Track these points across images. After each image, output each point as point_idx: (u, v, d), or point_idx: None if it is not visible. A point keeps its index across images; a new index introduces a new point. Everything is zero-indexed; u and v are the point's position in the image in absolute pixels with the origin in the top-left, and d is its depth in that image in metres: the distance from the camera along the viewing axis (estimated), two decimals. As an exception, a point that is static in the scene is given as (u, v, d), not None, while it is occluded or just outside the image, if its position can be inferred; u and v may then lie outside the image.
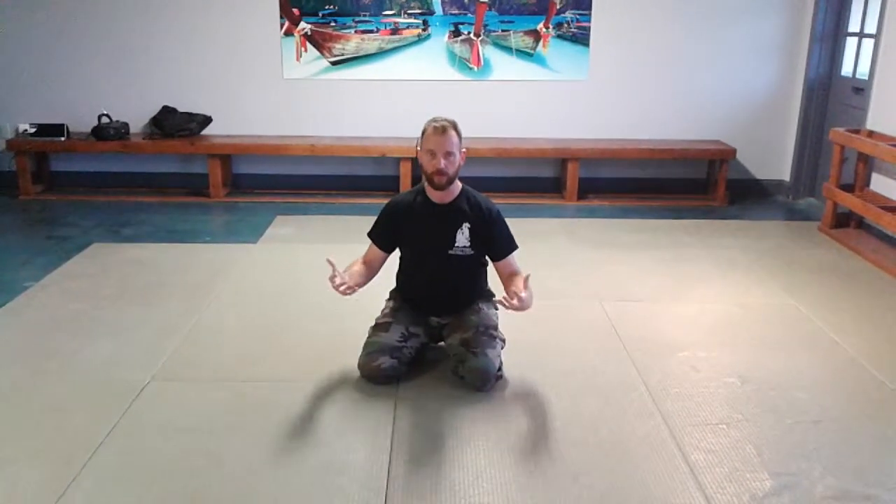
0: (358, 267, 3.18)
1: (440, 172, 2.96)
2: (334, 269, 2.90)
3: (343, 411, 2.85)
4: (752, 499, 2.38)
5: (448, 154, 2.95)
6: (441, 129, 2.94)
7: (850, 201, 4.99)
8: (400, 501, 2.34)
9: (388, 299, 3.31)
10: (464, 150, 3.03)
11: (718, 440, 2.69)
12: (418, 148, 3.03)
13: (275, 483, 2.41)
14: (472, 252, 3.09)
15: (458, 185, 3.10)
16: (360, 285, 3.09)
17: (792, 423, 2.81)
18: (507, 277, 3.09)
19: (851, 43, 5.69)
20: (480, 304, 3.17)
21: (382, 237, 3.22)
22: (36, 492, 2.35)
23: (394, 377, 3.05)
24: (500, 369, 3.06)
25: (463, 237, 3.06)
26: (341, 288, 2.91)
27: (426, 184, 3.06)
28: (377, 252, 3.23)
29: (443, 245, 3.08)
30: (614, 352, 3.37)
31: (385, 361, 3.02)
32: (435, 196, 3.07)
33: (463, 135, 3.02)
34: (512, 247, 3.13)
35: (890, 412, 2.90)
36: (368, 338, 3.12)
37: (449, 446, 2.64)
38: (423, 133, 2.99)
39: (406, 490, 2.39)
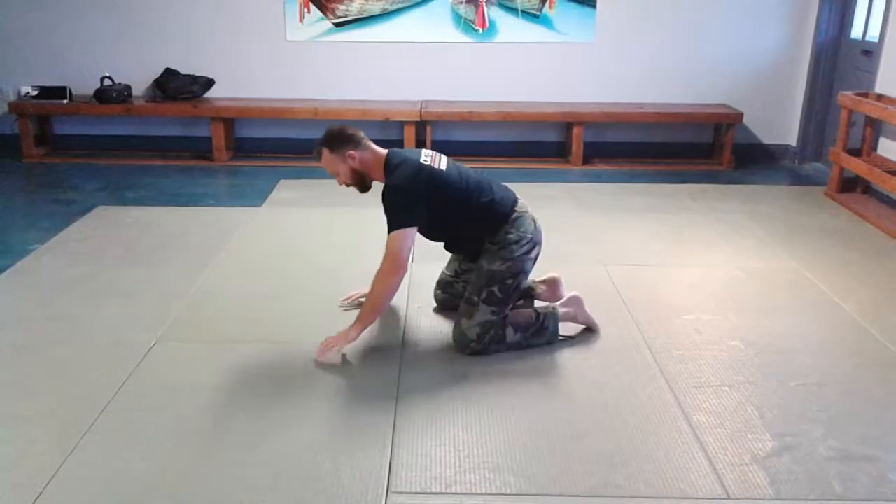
0: None
1: (342, 183, 3.04)
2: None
3: (348, 372, 2.87)
4: (754, 459, 2.40)
5: (333, 172, 3.00)
6: (316, 154, 3.00)
7: (856, 166, 4.96)
8: (405, 461, 2.36)
9: None
10: (349, 152, 2.94)
11: (721, 402, 2.71)
12: None
13: (280, 444, 2.43)
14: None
15: (381, 169, 2.97)
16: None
17: (794, 385, 2.83)
18: None
19: (862, 5, 5.61)
20: (482, 260, 3.02)
21: None
22: (45, 451, 2.38)
23: (448, 307, 3.32)
24: (492, 331, 2.96)
25: None
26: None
27: None
28: None
29: None
30: (618, 315, 3.38)
31: (438, 294, 3.40)
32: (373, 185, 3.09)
33: (462, 98, 2.99)
34: (389, 227, 2.89)
35: (893, 375, 2.91)
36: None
37: (453, 407, 2.66)
38: None
39: (411, 450, 2.42)
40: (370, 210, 4.74)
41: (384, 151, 3.01)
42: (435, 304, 3.42)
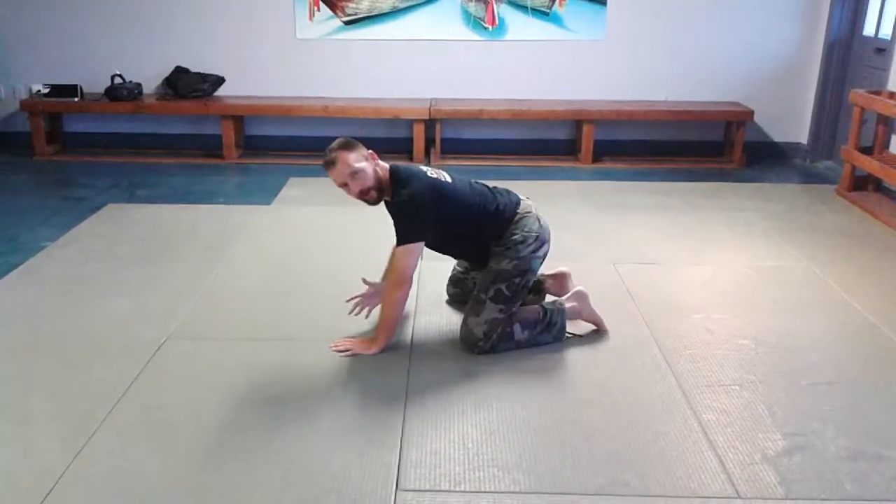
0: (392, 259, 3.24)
1: (361, 194, 2.94)
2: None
3: (357, 370, 2.87)
4: (764, 458, 2.39)
5: (353, 175, 2.89)
6: (329, 162, 2.92)
7: (868, 164, 4.93)
8: (414, 459, 2.36)
9: None
10: (368, 152, 2.95)
11: (731, 401, 2.70)
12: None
13: (290, 441, 2.44)
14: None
15: (388, 180, 2.95)
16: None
17: (805, 384, 2.81)
18: None
19: (874, 2, 5.57)
20: (490, 262, 3.02)
21: None
22: (56, 447, 2.39)
23: (460, 302, 3.32)
24: (501, 329, 2.96)
25: None
26: (356, 312, 3.18)
27: None
28: None
29: None
30: (628, 313, 3.37)
31: (450, 290, 3.43)
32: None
33: (472, 96, 2.99)
34: (397, 241, 2.93)
35: (905, 374, 2.90)
36: None
37: (462, 405, 2.65)
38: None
39: (420, 448, 2.42)
40: (380, 209, 4.75)
41: (387, 165, 2.99)
42: (445, 300, 3.45)
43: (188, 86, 5.96)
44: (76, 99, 5.92)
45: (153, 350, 2.98)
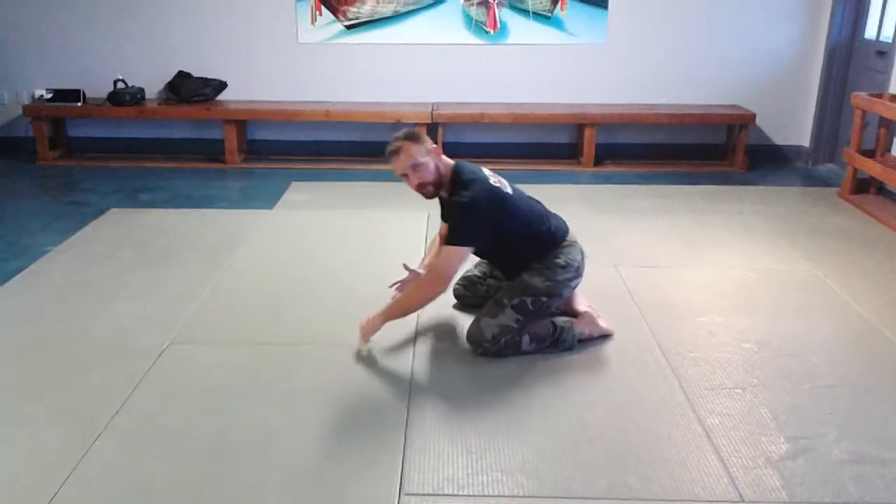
0: (436, 246, 3.27)
1: (420, 187, 2.95)
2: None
3: (359, 373, 2.88)
4: (768, 462, 2.38)
5: (414, 167, 2.89)
6: (393, 151, 2.91)
7: (870, 167, 4.93)
8: (418, 463, 2.36)
9: None
10: (433, 146, 2.95)
11: (734, 404, 2.70)
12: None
13: (292, 445, 2.44)
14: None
15: (449, 178, 2.97)
16: None
17: (808, 388, 2.81)
18: None
19: (876, 4, 5.57)
20: (524, 274, 3.03)
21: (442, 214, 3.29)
22: (59, 452, 2.39)
23: (465, 304, 3.37)
24: (510, 337, 2.96)
25: None
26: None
27: None
28: None
29: None
30: (630, 317, 3.37)
31: (459, 290, 3.40)
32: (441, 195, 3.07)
33: (474, 100, 3.00)
34: (447, 240, 2.93)
35: (907, 378, 2.90)
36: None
37: (465, 408, 2.66)
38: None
39: (423, 452, 2.42)
40: (382, 212, 4.76)
41: (451, 162, 3.00)
42: (449, 302, 3.42)
43: (191, 90, 5.97)
44: (79, 104, 5.93)
45: (156, 354, 2.99)
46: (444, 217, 3.20)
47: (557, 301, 3.06)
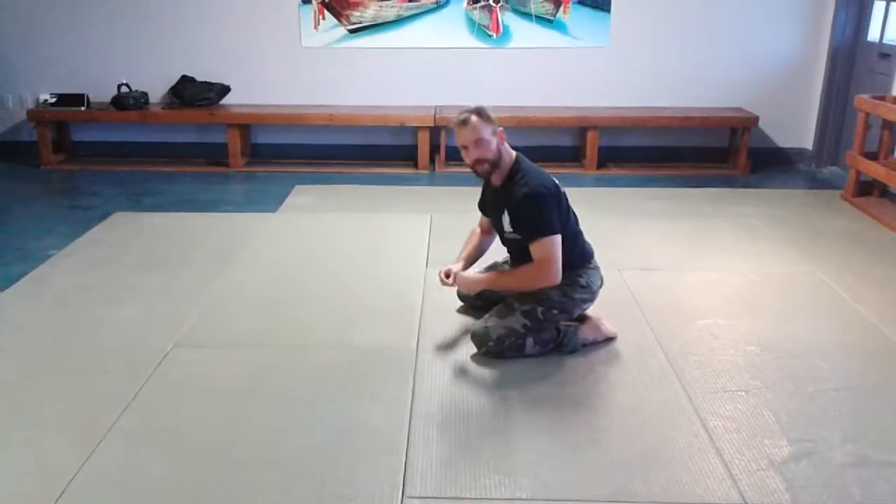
0: (471, 243, 3.32)
1: (478, 162, 2.95)
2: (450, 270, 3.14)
3: (362, 377, 2.88)
4: (770, 465, 2.38)
5: (478, 142, 2.91)
6: (461, 122, 2.93)
7: (873, 169, 4.92)
8: (420, 464, 2.37)
9: None
10: (500, 129, 2.98)
11: (737, 407, 2.70)
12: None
13: (295, 447, 2.45)
14: (520, 237, 3.00)
15: (508, 166, 3.00)
16: (470, 264, 3.27)
17: (812, 390, 2.81)
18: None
19: (879, 7, 5.57)
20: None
21: (480, 204, 3.33)
22: (63, 454, 2.40)
23: (469, 306, 3.37)
24: (513, 339, 2.96)
25: (506, 222, 3.02)
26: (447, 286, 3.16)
27: None
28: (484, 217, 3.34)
29: (499, 227, 3.11)
30: (634, 320, 3.37)
31: (464, 292, 3.33)
32: (492, 179, 3.07)
33: (479, 103, 3.02)
34: (535, 234, 2.91)
35: (911, 380, 2.89)
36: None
37: (468, 411, 2.66)
38: (454, 133, 3.00)
39: (426, 453, 2.42)
40: (385, 215, 4.77)
41: (514, 152, 3.03)
42: (454, 304, 3.42)
43: (194, 94, 5.99)
44: (83, 108, 5.95)
45: (160, 357, 3.00)
46: (486, 206, 3.23)
47: (566, 317, 3.06)
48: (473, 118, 2.92)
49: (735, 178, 5.84)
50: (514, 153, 3.03)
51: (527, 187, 2.91)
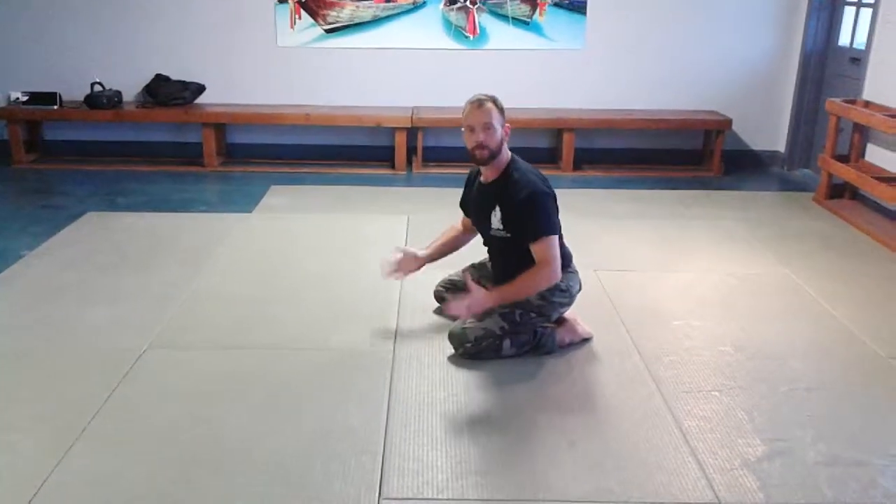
0: (446, 236, 3.35)
1: (480, 146, 2.96)
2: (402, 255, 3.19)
3: (339, 378, 2.87)
4: (744, 464, 2.41)
5: (487, 126, 2.94)
6: (478, 104, 2.97)
7: (844, 172, 4.99)
8: (396, 465, 2.36)
9: None
10: (507, 124, 3.02)
11: (711, 407, 2.72)
12: (463, 130, 3.03)
13: (272, 449, 2.43)
14: (510, 235, 3.01)
15: (504, 162, 3.04)
16: (438, 256, 3.32)
17: (785, 390, 2.84)
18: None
19: (849, 12, 5.66)
20: None
21: (462, 202, 3.34)
22: (35, 458, 2.37)
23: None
24: (490, 340, 2.96)
25: (496, 219, 3.02)
26: (392, 277, 3.25)
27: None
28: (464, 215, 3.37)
29: (485, 224, 3.10)
30: (609, 321, 3.39)
31: (440, 292, 3.39)
32: (483, 174, 3.09)
33: (453, 105, 3.04)
34: (538, 234, 2.92)
35: (882, 380, 2.93)
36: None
37: (445, 412, 2.66)
38: (464, 112, 3.01)
39: (402, 454, 2.42)
40: (362, 215, 4.76)
41: (509, 152, 3.07)
42: (430, 305, 3.43)
43: (169, 94, 5.94)
44: (55, 107, 5.87)
45: (133, 359, 2.96)
46: (470, 203, 3.25)
47: (544, 321, 3.07)
48: (489, 103, 2.98)
49: (709, 180, 5.90)
50: (510, 153, 3.06)
51: (529, 187, 2.94)
